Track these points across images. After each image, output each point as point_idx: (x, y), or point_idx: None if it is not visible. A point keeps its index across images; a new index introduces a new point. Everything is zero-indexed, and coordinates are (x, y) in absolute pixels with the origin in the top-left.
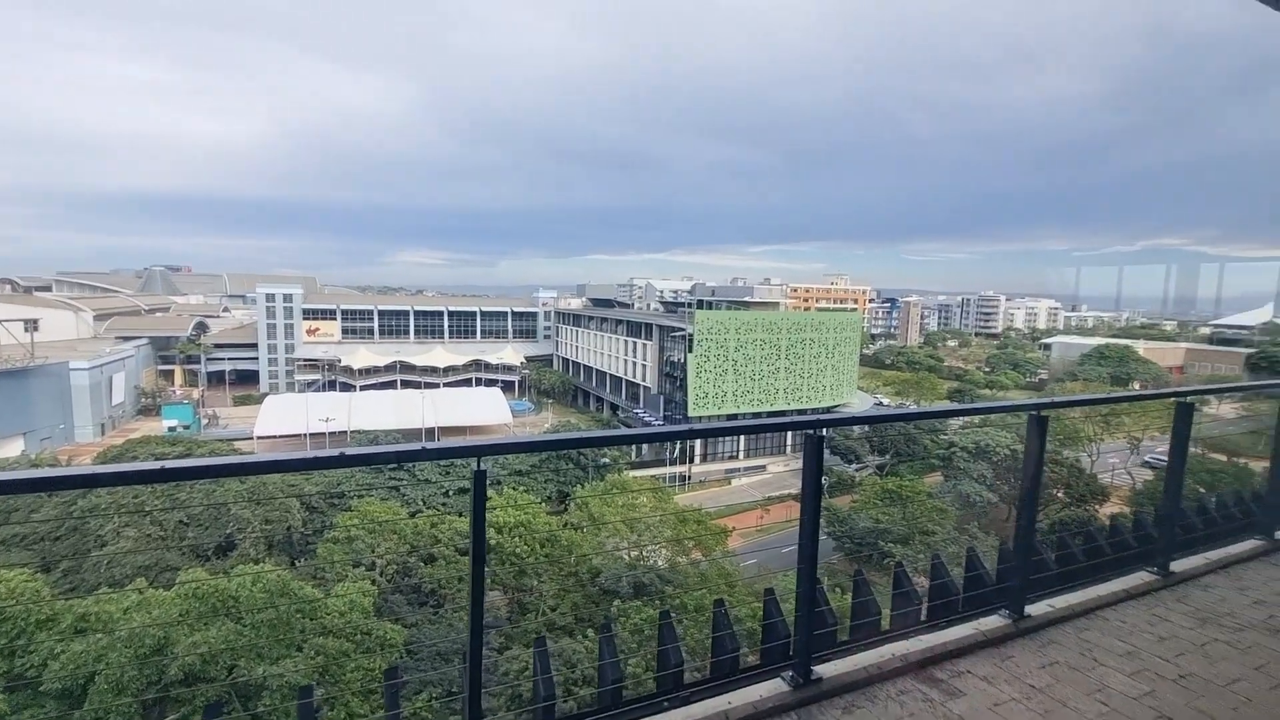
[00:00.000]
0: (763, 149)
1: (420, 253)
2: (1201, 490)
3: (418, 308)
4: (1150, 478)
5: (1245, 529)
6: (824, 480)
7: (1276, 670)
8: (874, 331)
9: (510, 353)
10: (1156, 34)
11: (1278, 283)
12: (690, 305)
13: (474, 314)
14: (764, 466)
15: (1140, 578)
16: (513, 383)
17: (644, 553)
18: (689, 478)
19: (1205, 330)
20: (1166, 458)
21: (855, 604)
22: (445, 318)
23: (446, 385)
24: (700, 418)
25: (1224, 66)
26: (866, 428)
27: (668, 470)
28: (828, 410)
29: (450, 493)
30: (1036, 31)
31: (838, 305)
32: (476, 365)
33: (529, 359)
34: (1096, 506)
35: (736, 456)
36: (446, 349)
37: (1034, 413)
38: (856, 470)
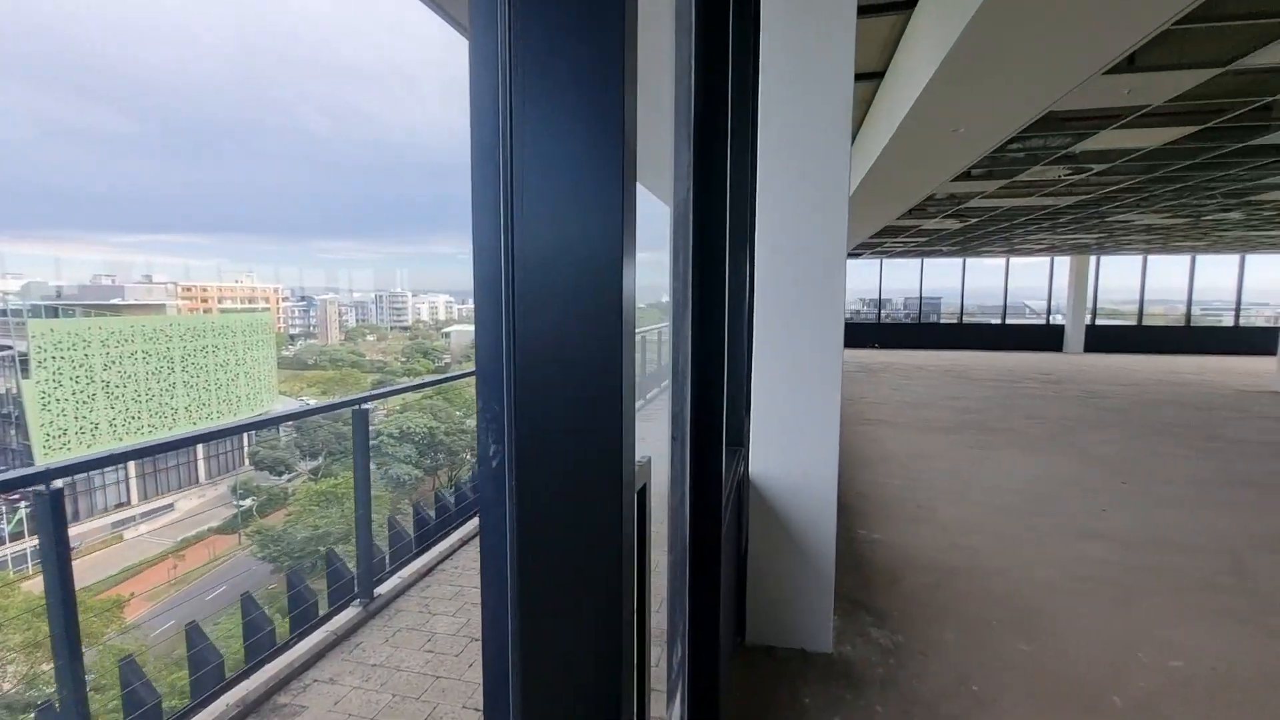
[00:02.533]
0: (117, 111)
1: None
2: None
3: None
4: None
5: None
6: (250, 502)
7: None
8: (292, 332)
9: None
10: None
11: None
12: (21, 313)
13: None
14: (171, 505)
15: (474, 524)
16: None
17: None
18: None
19: None
20: None
21: (191, 656)
22: None
23: None
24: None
25: None
26: (295, 431)
27: (6, 551)
28: (254, 419)
29: None
30: (412, 57)
31: (246, 305)
32: None
33: None
34: None
35: (128, 503)
36: None
37: (356, 407)
38: (289, 480)
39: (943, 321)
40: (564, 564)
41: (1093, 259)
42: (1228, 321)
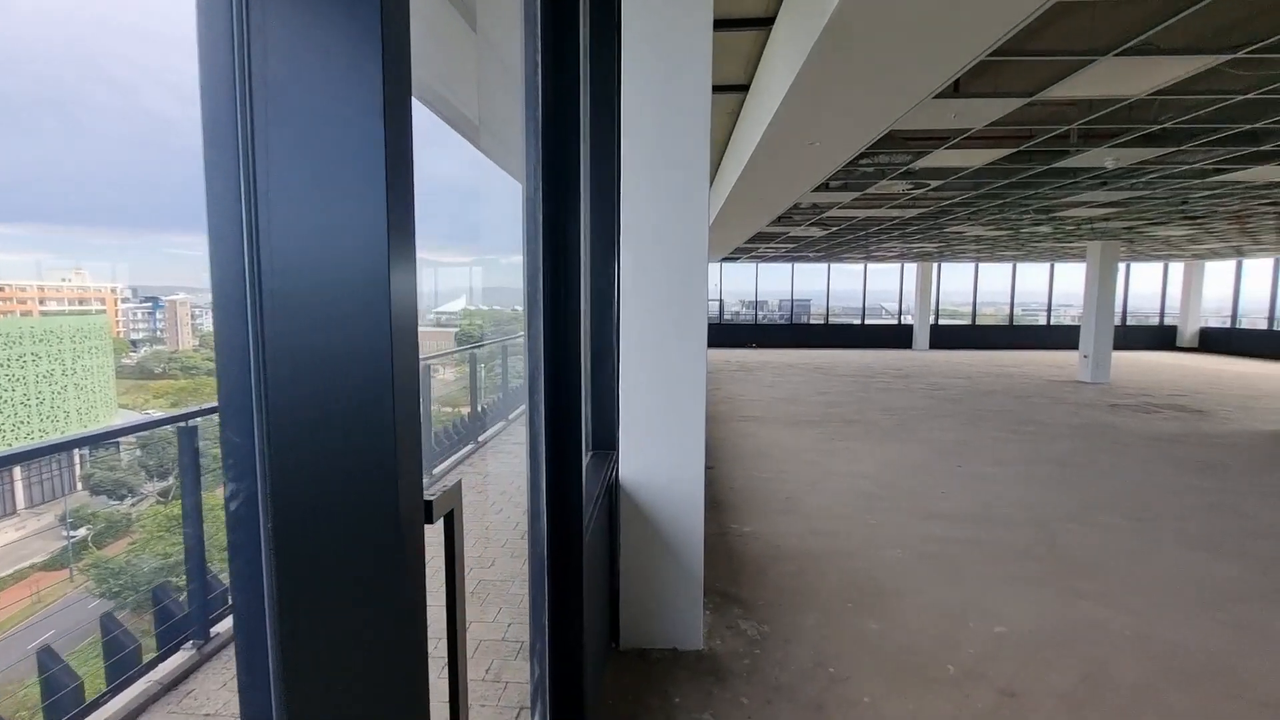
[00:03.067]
0: None
1: None
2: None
3: None
4: None
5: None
6: (85, 531)
7: None
8: (135, 337)
9: None
10: None
11: (467, 280)
12: None
13: None
14: None
15: None
16: None
17: None
18: None
19: (430, 317)
20: None
21: None
22: None
23: None
24: None
25: None
26: (139, 451)
27: None
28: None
29: None
30: None
31: (77, 308)
32: None
33: None
34: None
35: None
36: None
37: (183, 424)
38: (133, 505)
39: (812, 322)
40: (340, 618)
41: (935, 266)
42: (1041, 320)
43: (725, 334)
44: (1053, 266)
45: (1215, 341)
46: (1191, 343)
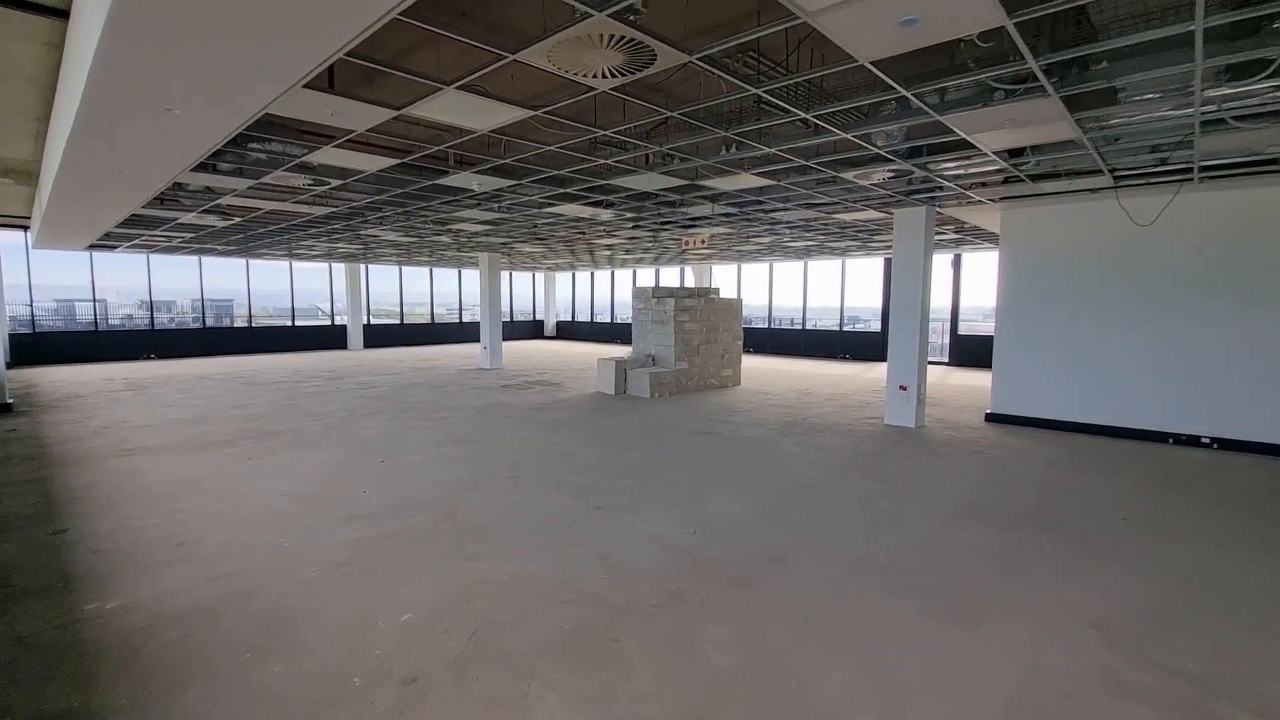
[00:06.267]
0: None
1: None
2: None
3: None
4: None
5: None
6: None
7: None
8: None
9: None
10: None
11: None
12: None
13: None
14: None
15: None
16: None
17: None
18: None
19: None
20: None
21: None
22: None
23: None
24: None
25: None
26: None
27: None
28: None
29: None
30: None
31: None
32: None
33: None
34: None
35: None
36: None
37: None
38: None
39: (235, 325)
40: None
41: (362, 267)
42: (456, 319)
43: (109, 344)
44: (460, 272)
45: (565, 331)
46: (552, 332)
